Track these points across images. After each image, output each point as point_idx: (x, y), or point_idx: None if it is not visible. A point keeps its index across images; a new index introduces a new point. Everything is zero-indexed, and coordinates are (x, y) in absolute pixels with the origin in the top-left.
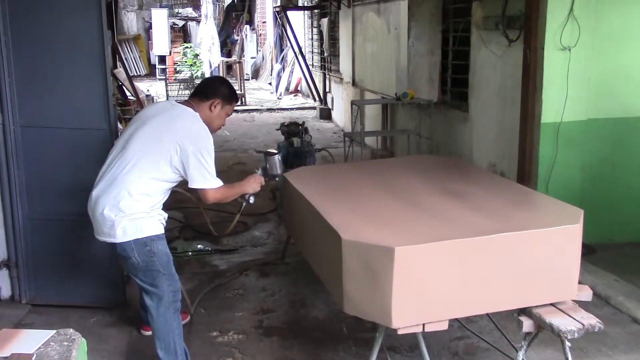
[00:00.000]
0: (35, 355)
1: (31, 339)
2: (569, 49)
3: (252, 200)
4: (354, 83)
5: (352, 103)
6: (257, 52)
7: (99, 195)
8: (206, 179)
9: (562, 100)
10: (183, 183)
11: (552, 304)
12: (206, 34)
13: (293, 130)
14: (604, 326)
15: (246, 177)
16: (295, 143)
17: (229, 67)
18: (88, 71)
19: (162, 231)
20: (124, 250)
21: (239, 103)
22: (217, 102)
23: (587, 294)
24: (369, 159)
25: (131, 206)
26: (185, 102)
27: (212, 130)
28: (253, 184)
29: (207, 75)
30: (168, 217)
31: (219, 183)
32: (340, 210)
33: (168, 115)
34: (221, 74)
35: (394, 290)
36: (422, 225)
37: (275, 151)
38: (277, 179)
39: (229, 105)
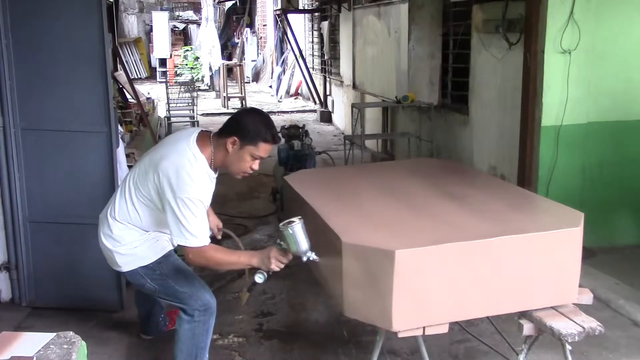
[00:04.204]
0: (35, 358)
1: (31, 342)
2: (569, 52)
3: (259, 279)
4: (354, 86)
5: (353, 106)
6: (258, 55)
7: (100, 221)
8: (182, 235)
9: (562, 103)
10: None
11: (552, 307)
12: (207, 37)
13: (293, 133)
14: (605, 329)
15: (264, 248)
16: (295, 146)
17: (229, 70)
18: (89, 74)
19: (168, 250)
20: (134, 279)
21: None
22: (234, 140)
23: (587, 297)
24: (369, 162)
25: (124, 236)
26: (204, 138)
27: (233, 174)
28: (266, 260)
29: (207, 77)
30: None
31: (199, 243)
32: (340, 213)
33: (165, 151)
34: (222, 77)
35: (394, 293)
36: (422, 228)
37: (294, 219)
38: (311, 255)
39: (252, 146)
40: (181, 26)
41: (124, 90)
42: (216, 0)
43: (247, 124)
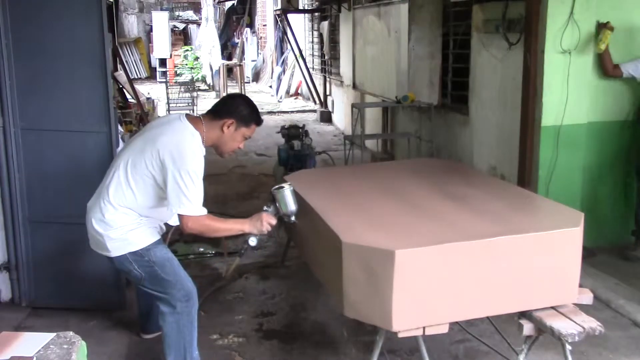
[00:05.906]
0: (35, 358)
1: (31, 342)
2: (569, 52)
3: (252, 242)
4: (354, 86)
5: (353, 106)
6: (258, 55)
7: (89, 208)
8: (182, 204)
9: (562, 103)
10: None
11: (552, 307)
12: (207, 37)
13: (293, 133)
14: (605, 329)
15: (254, 215)
16: (295, 146)
17: (229, 70)
18: (89, 74)
19: (157, 237)
20: (121, 264)
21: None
22: (231, 122)
23: (587, 297)
24: (369, 162)
25: (116, 220)
26: (194, 118)
27: (223, 153)
28: (257, 224)
29: (208, 77)
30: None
31: (198, 211)
32: (340, 213)
33: (160, 130)
34: (222, 77)
35: (394, 293)
36: (422, 228)
37: (283, 184)
38: (293, 218)
39: (245, 128)
40: (181, 26)
41: (124, 90)
42: (216, 0)
43: (241, 109)
